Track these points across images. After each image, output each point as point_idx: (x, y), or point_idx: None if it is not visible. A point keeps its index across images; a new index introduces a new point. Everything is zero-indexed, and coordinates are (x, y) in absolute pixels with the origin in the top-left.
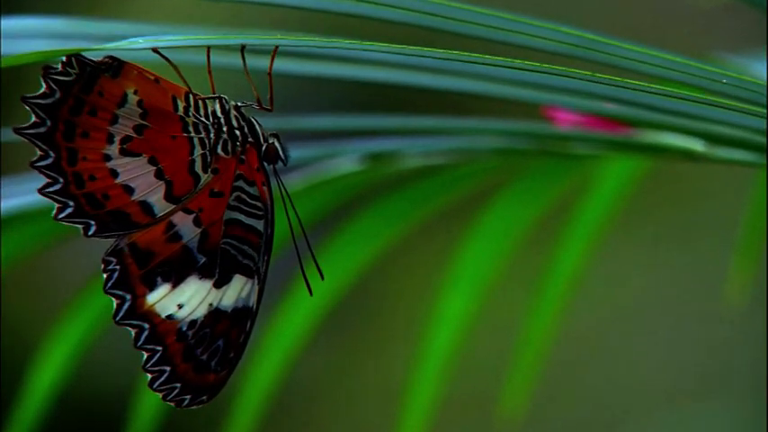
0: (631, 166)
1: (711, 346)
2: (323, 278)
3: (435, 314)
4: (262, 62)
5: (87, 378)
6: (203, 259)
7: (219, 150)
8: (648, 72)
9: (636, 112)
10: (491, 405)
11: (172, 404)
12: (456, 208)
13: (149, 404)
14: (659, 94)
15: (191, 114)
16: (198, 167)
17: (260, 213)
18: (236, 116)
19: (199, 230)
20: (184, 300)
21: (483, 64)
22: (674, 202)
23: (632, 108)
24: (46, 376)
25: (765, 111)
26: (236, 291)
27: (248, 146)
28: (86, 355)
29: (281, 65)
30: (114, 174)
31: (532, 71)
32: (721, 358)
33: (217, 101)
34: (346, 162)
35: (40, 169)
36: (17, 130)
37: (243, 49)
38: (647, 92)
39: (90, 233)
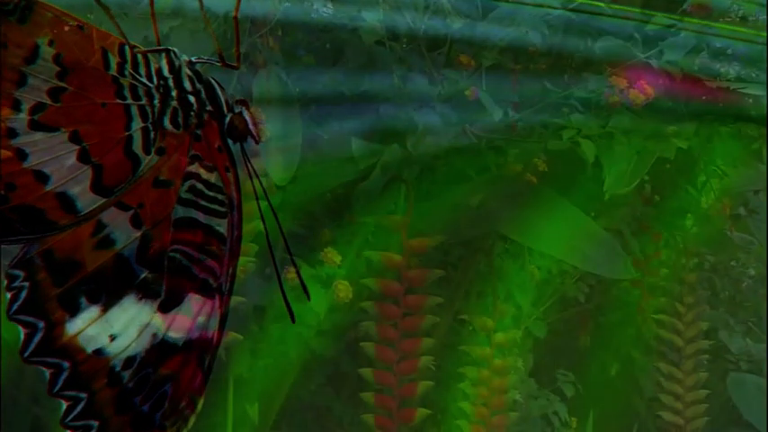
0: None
1: None
2: (309, 299)
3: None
4: (224, 3)
5: None
6: (144, 273)
7: (167, 123)
8: None
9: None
10: None
11: None
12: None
13: None
14: None
15: (127, 74)
16: (137, 146)
17: (222, 210)
18: (189, 76)
19: (138, 233)
20: (118, 329)
21: None
22: None
23: None
24: None
25: None
26: (190, 316)
27: (206, 117)
28: None
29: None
30: (22, 155)
31: None
32: None
33: (163, 55)
34: (344, 140)
35: None
36: None
37: None
38: None
39: None
